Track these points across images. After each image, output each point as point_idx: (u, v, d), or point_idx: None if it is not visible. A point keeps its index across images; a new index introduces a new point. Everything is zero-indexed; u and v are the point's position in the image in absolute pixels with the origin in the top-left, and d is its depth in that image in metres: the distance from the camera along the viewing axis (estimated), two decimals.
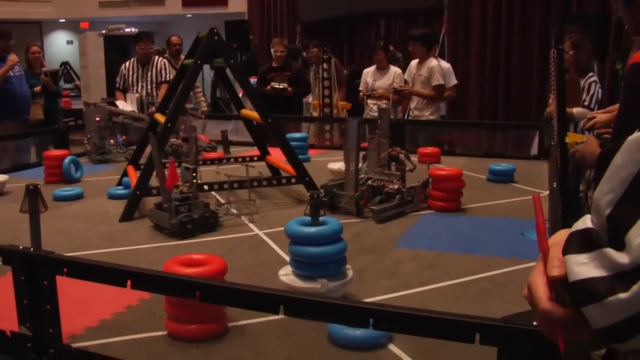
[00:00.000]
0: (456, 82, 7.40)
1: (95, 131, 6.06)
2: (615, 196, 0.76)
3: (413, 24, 10.62)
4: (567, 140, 3.21)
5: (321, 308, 1.71)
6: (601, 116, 3.47)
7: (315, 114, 8.14)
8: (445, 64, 7.35)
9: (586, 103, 5.34)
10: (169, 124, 4.06)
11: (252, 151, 5.56)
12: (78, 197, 4.60)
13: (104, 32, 11.47)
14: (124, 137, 6.52)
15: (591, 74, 5.47)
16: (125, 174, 4.73)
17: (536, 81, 9.77)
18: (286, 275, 2.65)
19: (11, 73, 7.26)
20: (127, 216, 3.95)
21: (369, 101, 7.46)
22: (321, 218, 2.61)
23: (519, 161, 5.58)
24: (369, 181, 4.12)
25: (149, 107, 6.51)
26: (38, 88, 8.25)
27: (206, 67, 4.92)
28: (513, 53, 9.94)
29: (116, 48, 10.82)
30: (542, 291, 0.83)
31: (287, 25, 13.38)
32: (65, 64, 15.45)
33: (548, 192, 3.61)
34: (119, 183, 4.77)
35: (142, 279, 1.95)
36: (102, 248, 3.45)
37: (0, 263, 2.06)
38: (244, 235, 3.69)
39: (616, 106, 2.50)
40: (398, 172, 4.15)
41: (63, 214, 4.17)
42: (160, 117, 4.57)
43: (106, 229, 3.83)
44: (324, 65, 7.83)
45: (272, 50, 8.32)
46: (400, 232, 3.70)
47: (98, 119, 6.03)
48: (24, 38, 11.28)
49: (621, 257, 0.73)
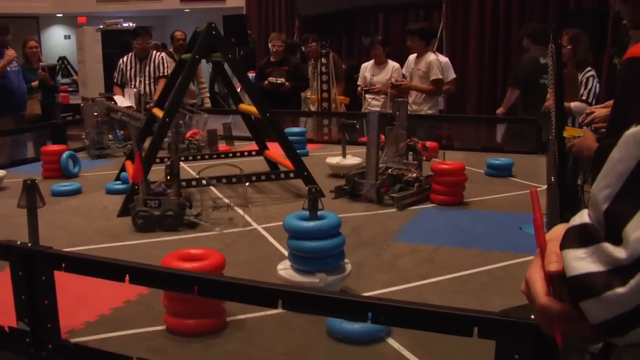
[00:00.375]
0: (454, 77, 7.38)
1: (93, 126, 6.05)
2: (612, 191, 0.76)
3: (412, 19, 10.63)
4: (565, 134, 3.22)
5: (320, 302, 1.72)
6: (600, 111, 3.48)
7: (313, 109, 8.14)
8: (443, 58, 7.34)
9: (584, 97, 5.34)
10: (167, 119, 4.06)
11: (251, 146, 5.56)
12: (76, 192, 4.59)
13: (102, 27, 11.43)
14: (122, 132, 6.51)
15: (589, 69, 5.48)
16: (123, 169, 4.72)
17: None
18: (285, 269, 2.65)
19: (8, 68, 7.25)
20: (125, 211, 3.95)
21: (367, 96, 7.45)
22: (319, 212, 2.61)
23: (517, 155, 5.58)
24: (389, 170, 4.28)
25: (146, 105, 6.50)
26: (35, 83, 8.24)
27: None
28: (511, 47, 9.91)
29: (115, 43, 10.78)
30: (540, 286, 0.83)
31: (286, 19, 13.35)
32: (62, 59, 15.39)
33: (546, 187, 3.61)
34: (117, 178, 4.76)
35: (141, 274, 1.95)
36: (101, 243, 3.44)
37: None
38: (243, 230, 3.69)
39: None
40: (415, 162, 4.33)
41: (61, 209, 4.16)
42: (158, 112, 4.57)
43: (104, 224, 3.83)
44: (323, 59, 7.83)
45: (270, 45, 8.31)
46: (398, 226, 3.70)
47: (96, 114, 6.03)
48: (21, 33, 11.24)
49: (618, 252, 0.73)
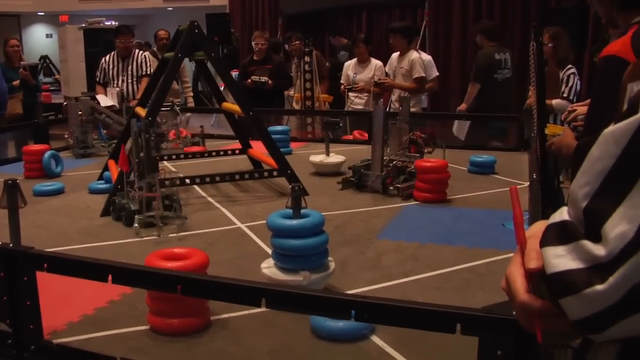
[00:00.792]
0: (437, 74, 7.40)
1: (77, 125, 6.01)
2: (591, 189, 0.77)
3: (395, 17, 10.64)
4: (547, 131, 3.23)
5: (303, 300, 1.72)
6: (581, 109, 3.49)
7: (297, 107, 8.13)
8: (426, 56, 7.36)
9: (565, 95, 5.38)
10: (150, 118, 4.04)
11: (234, 144, 5.55)
12: (58, 192, 4.56)
13: (84, 26, 11.34)
14: (106, 131, 6.47)
15: (570, 66, 5.52)
16: (106, 168, 4.70)
17: (516, 73, 9.80)
18: (268, 268, 2.65)
19: None
20: (108, 211, 3.93)
21: (350, 94, 7.46)
22: (303, 211, 2.61)
23: (500, 153, 5.61)
24: (393, 162, 4.47)
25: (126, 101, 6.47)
26: (17, 82, 8.16)
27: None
28: None
29: (97, 42, 10.70)
30: (520, 283, 0.83)
31: (269, 18, 13.33)
32: (44, 58, 15.29)
33: (528, 184, 3.63)
34: (100, 177, 4.74)
35: (123, 274, 1.95)
36: (83, 243, 3.42)
37: None
38: (226, 228, 3.69)
39: None
40: (417, 155, 4.52)
41: (43, 209, 4.13)
42: (141, 111, 4.55)
43: (87, 224, 3.81)
44: (306, 58, 7.82)
45: (254, 43, 8.29)
46: (382, 224, 3.71)
47: (80, 113, 5.98)
48: (2, 31, 11.17)
49: (598, 250, 0.74)
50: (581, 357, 0.89)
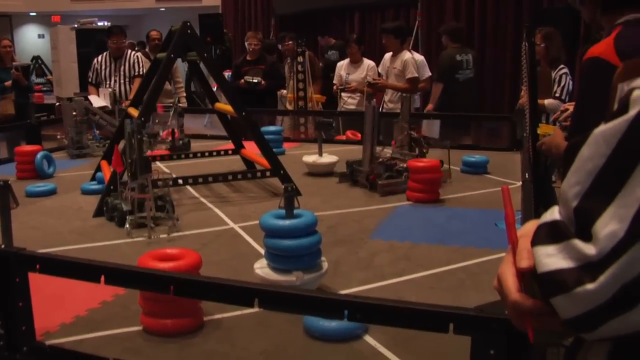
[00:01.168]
0: (430, 75, 7.41)
1: (72, 126, 5.99)
2: (582, 188, 0.77)
3: (389, 17, 10.66)
4: (539, 131, 3.24)
5: (296, 300, 1.72)
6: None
7: (290, 107, 8.13)
8: (419, 57, 7.36)
9: (557, 94, 5.39)
10: (142, 119, 4.03)
11: (227, 145, 5.55)
12: (51, 193, 4.54)
13: (76, 26, 11.31)
14: (100, 132, 6.45)
15: (562, 66, 5.53)
16: (99, 169, 4.69)
17: (509, 73, 9.84)
18: (261, 268, 2.65)
19: None
20: (101, 211, 3.92)
21: (343, 94, 7.46)
22: (296, 211, 2.61)
23: (493, 152, 5.62)
24: (380, 159, 4.57)
25: (119, 102, 6.46)
26: (9, 83, 8.14)
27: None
28: (486, 46, 10.00)
29: (89, 42, 10.67)
30: (512, 282, 0.84)
31: (262, 18, 13.33)
32: (36, 58, 15.26)
33: (520, 183, 3.64)
34: (93, 178, 4.72)
35: (116, 274, 1.94)
36: (76, 244, 3.42)
37: None
38: (219, 229, 3.68)
39: None
40: (415, 153, 4.68)
41: (36, 210, 4.12)
42: (133, 112, 4.54)
43: (80, 225, 3.80)
44: (299, 58, 7.82)
45: (247, 43, 8.28)
46: (375, 224, 3.71)
47: (75, 113, 5.96)
48: None
49: (588, 249, 0.74)
50: (573, 356, 0.90)
